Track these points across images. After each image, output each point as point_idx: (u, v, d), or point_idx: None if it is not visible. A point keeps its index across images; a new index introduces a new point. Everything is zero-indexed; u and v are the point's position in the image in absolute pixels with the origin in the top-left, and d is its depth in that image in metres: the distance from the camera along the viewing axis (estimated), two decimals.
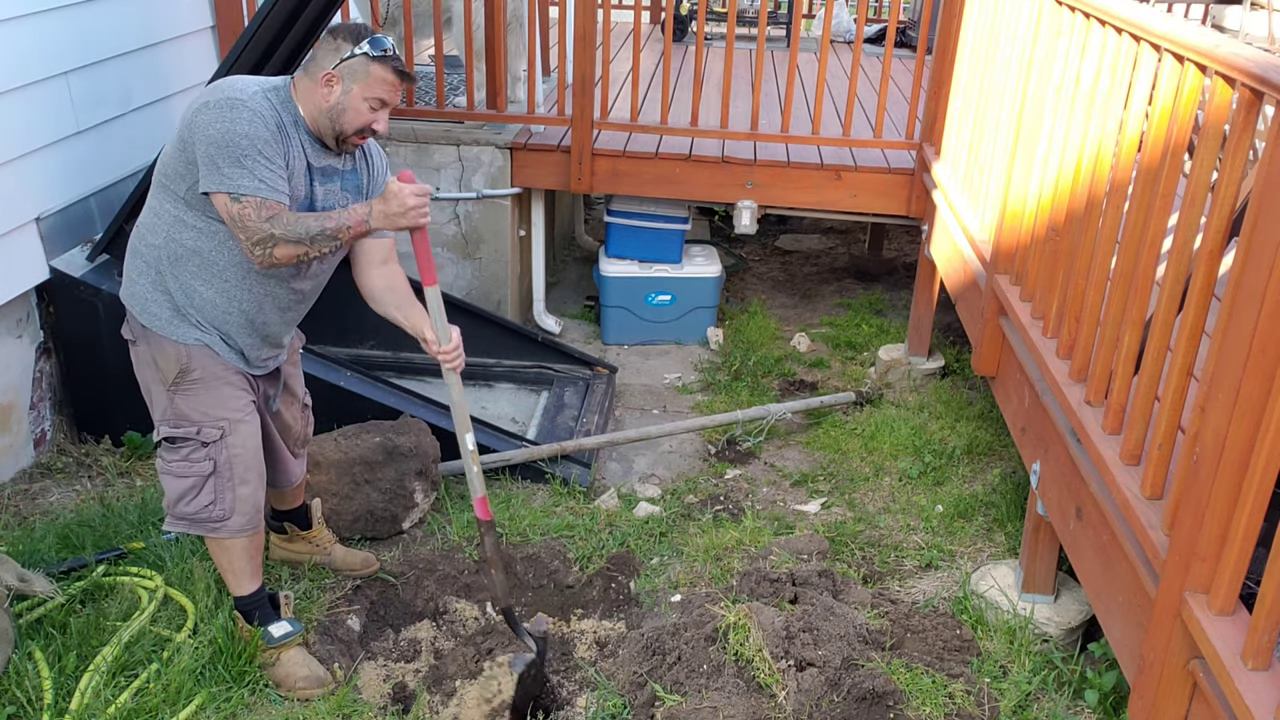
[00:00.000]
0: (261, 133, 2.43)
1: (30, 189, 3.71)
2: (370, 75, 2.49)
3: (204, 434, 2.63)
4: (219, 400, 2.64)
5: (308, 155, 2.56)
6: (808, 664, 2.69)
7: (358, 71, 2.49)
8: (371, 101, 2.51)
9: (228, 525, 2.69)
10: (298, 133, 2.54)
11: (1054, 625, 3.01)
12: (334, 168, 2.63)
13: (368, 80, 2.49)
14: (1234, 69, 1.88)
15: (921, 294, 4.73)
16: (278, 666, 2.78)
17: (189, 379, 2.61)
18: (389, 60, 2.50)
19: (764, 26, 4.97)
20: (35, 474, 3.80)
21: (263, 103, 2.49)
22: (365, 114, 2.52)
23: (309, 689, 2.74)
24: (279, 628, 2.79)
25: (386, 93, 2.52)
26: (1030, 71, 3.15)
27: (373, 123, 2.54)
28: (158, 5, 4.40)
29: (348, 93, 2.50)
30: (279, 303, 2.68)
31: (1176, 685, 1.96)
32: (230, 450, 2.65)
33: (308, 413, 3.08)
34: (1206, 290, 1.99)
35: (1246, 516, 1.78)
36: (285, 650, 2.79)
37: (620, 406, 4.67)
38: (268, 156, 2.43)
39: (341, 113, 2.52)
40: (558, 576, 3.37)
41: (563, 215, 6.61)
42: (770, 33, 8.32)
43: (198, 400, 2.62)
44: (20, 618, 2.82)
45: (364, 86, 2.50)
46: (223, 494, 2.67)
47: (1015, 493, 3.75)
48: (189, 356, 2.60)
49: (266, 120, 2.46)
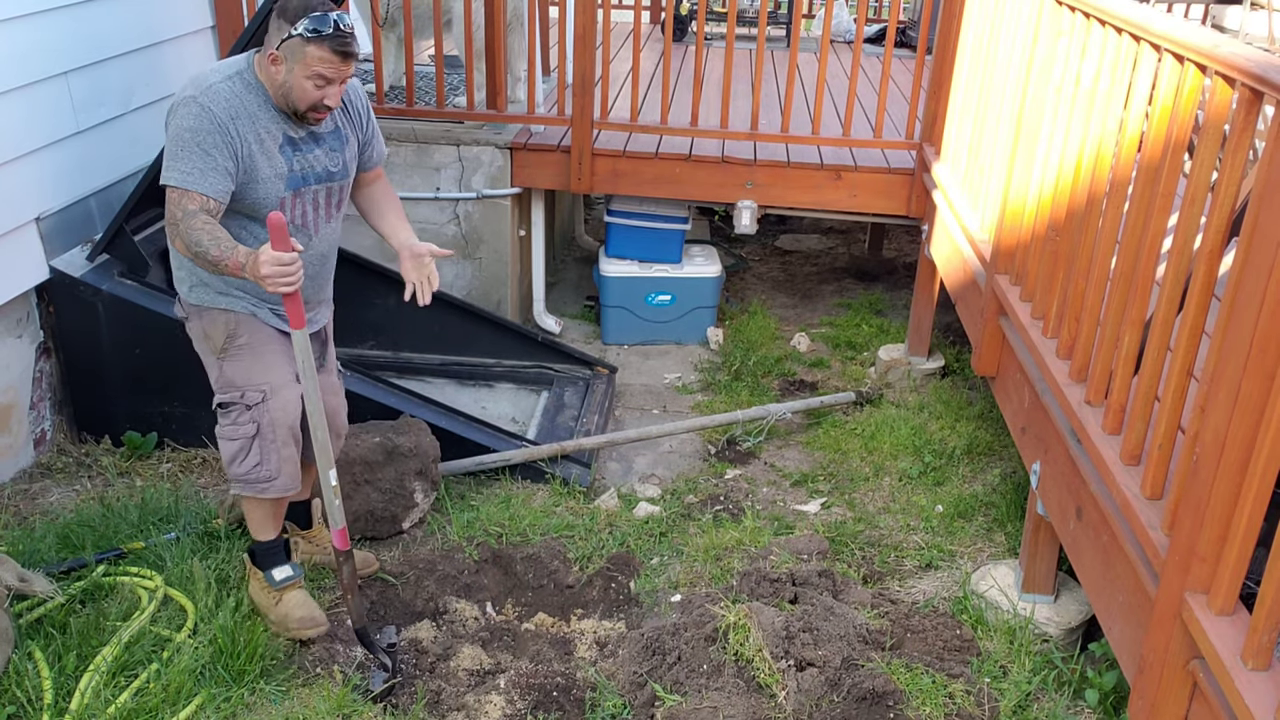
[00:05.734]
0: (203, 125, 2.50)
1: (30, 189, 3.71)
2: (307, 55, 2.51)
3: (248, 397, 2.77)
4: (264, 366, 2.78)
5: (285, 129, 2.64)
6: (808, 664, 2.69)
7: (296, 52, 2.52)
8: (314, 80, 2.54)
9: (275, 485, 2.83)
10: (267, 110, 2.61)
11: (1054, 625, 3.01)
12: (317, 133, 2.71)
13: (305, 60, 2.52)
14: (1234, 69, 1.88)
15: (921, 294, 4.73)
16: (278, 607, 2.91)
17: (236, 344, 2.77)
18: (326, 40, 2.50)
19: (764, 26, 4.97)
20: (35, 474, 3.80)
21: (222, 91, 2.55)
22: (311, 92, 2.56)
23: (303, 629, 2.89)
24: (281, 571, 2.94)
25: (327, 70, 2.53)
26: (1030, 71, 3.15)
27: (322, 99, 2.57)
28: (158, 5, 4.40)
29: (291, 72, 2.54)
30: (309, 270, 2.75)
31: (1176, 685, 1.96)
32: (272, 413, 2.78)
33: (341, 380, 3.16)
34: (1206, 290, 1.99)
35: (1246, 516, 1.78)
36: (287, 592, 2.93)
37: (620, 406, 4.67)
38: (205, 149, 2.50)
39: (289, 91, 2.58)
40: (558, 576, 3.37)
41: (563, 215, 6.61)
42: (770, 33, 8.32)
43: (243, 365, 2.77)
44: (20, 618, 2.82)
45: (303, 66, 2.52)
46: (268, 455, 2.80)
47: (1015, 493, 3.75)
48: (236, 323, 2.76)
49: (213, 113, 2.51)
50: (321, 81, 2.55)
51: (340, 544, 2.79)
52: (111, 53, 4.10)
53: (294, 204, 2.72)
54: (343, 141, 2.78)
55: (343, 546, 2.80)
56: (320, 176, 2.75)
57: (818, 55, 5.70)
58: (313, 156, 2.71)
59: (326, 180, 2.77)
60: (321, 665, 2.88)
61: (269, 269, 2.40)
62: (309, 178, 2.72)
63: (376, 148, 2.94)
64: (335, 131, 2.76)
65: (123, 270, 3.83)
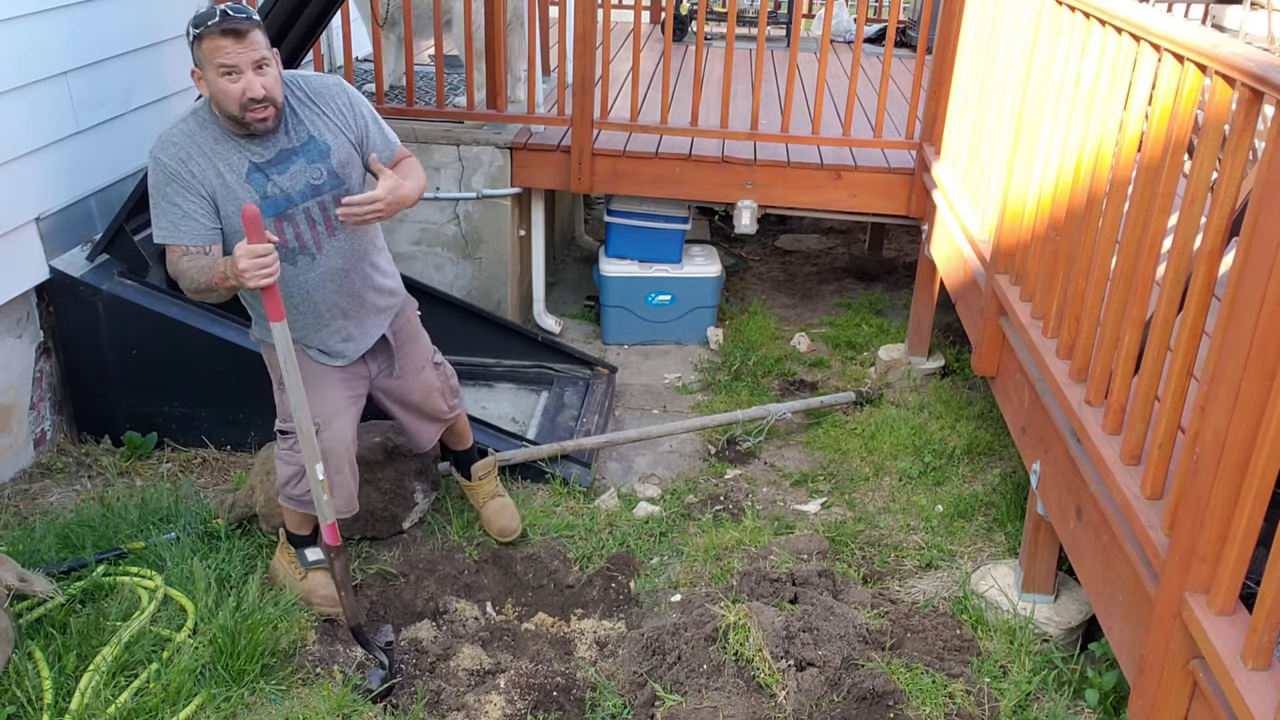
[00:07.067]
0: (159, 179, 2.57)
1: (30, 189, 3.71)
2: (205, 52, 2.47)
3: None
4: (319, 398, 2.86)
5: (249, 156, 2.61)
6: (808, 664, 2.69)
7: (198, 57, 2.50)
8: (223, 74, 2.47)
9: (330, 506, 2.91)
10: (225, 142, 2.59)
11: (1054, 625, 3.01)
12: (287, 150, 2.64)
13: (207, 59, 2.47)
14: (1234, 69, 1.88)
15: (921, 294, 4.73)
16: (304, 581, 3.09)
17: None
18: (211, 29, 2.44)
19: (764, 26, 4.97)
20: (35, 474, 3.80)
21: (173, 136, 2.58)
22: (229, 87, 2.48)
23: (325, 605, 3.05)
24: (313, 553, 3.09)
25: (226, 57, 2.45)
26: (1030, 71, 3.15)
27: (243, 92, 2.48)
28: (158, 5, 4.40)
29: (206, 79, 2.51)
30: (326, 290, 2.81)
31: (1176, 685, 1.96)
32: (325, 443, 2.85)
33: (442, 369, 3.26)
34: (1206, 290, 1.99)
35: (1246, 516, 1.78)
36: (313, 571, 3.10)
37: (620, 406, 4.67)
38: (170, 200, 2.57)
39: (217, 100, 2.52)
40: (558, 576, 3.37)
41: (563, 215, 6.61)
42: (770, 32, 8.32)
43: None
44: (20, 618, 2.82)
45: (210, 66, 2.48)
46: None
47: (1015, 493, 3.75)
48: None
49: (164, 164, 2.56)
50: (229, 71, 2.46)
51: (331, 539, 2.80)
52: (111, 53, 4.10)
53: (280, 228, 2.68)
54: (322, 150, 2.69)
55: (333, 542, 2.80)
56: (305, 194, 2.68)
57: (818, 55, 5.70)
58: (288, 176, 2.64)
59: (314, 195, 2.70)
60: (321, 665, 2.88)
61: (245, 262, 2.40)
62: (292, 198, 2.66)
63: (379, 140, 2.81)
64: (310, 142, 2.67)
65: (123, 270, 3.83)
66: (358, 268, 2.85)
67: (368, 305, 2.92)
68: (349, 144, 2.74)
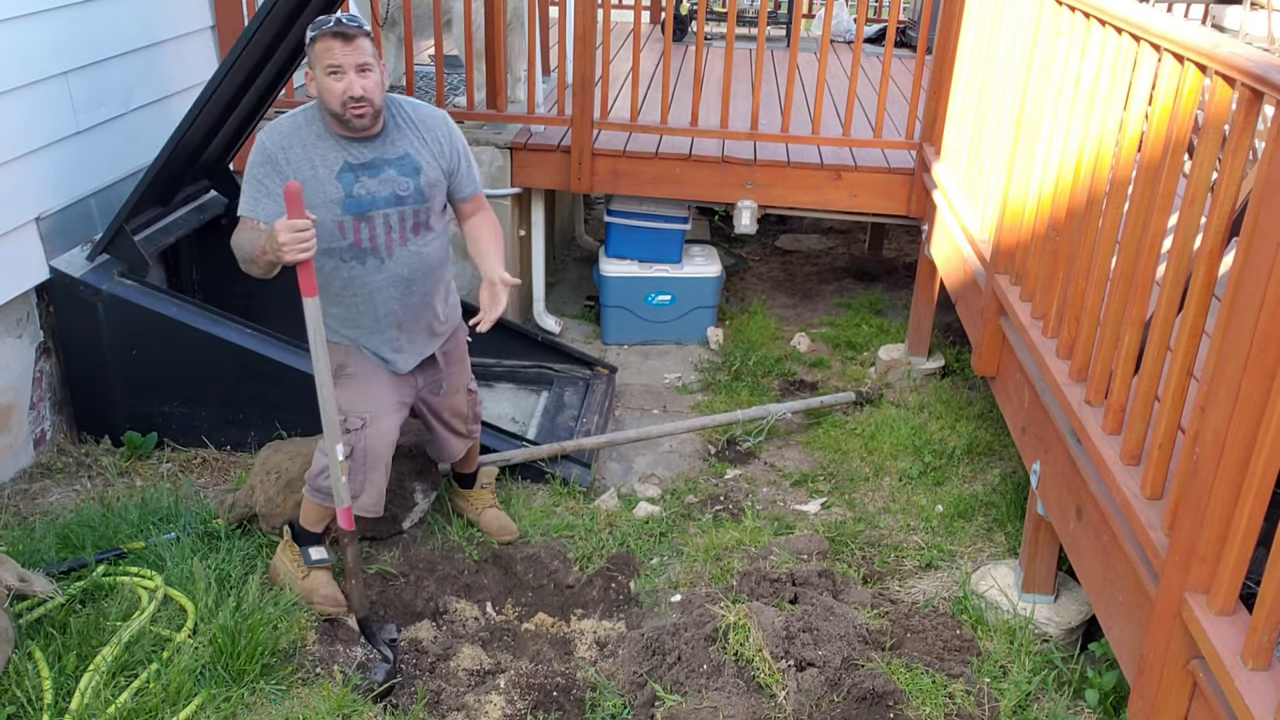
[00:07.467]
0: (257, 159, 2.79)
1: (30, 189, 3.71)
2: (318, 53, 2.71)
3: (349, 422, 2.96)
4: (369, 395, 3.00)
5: (345, 156, 2.80)
6: (808, 664, 2.69)
7: (311, 58, 2.74)
8: (330, 73, 2.70)
9: (359, 502, 3.00)
10: (326, 140, 2.81)
11: (1054, 625, 3.01)
12: (381, 159, 2.84)
13: (318, 59, 2.71)
14: (1234, 69, 1.88)
15: (921, 294, 4.73)
16: (305, 580, 3.09)
17: (345, 373, 2.99)
18: (324, 31, 2.69)
19: (764, 26, 4.97)
20: (35, 474, 3.80)
21: (282, 125, 2.81)
22: (334, 85, 2.70)
23: (326, 605, 3.05)
24: (317, 552, 3.11)
25: (333, 58, 2.69)
26: (1030, 71, 3.15)
27: (345, 91, 2.70)
28: (158, 5, 4.41)
29: (315, 77, 2.74)
30: (387, 295, 2.93)
31: (1176, 685, 1.96)
32: (368, 440, 2.98)
33: (474, 396, 3.40)
34: (1206, 290, 1.99)
35: (1246, 516, 1.78)
36: (315, 570, 3.11)
37: (620, 406, 4.67)
38: (259, 179, 2.79)
39: (323, 96, 2.75)
40: (558, 576, 3.37)
41: (563, 215, 6.61)
42: (770, 32, 8.32)
43: (348, 392, 2.97)
44: (20, 618, 2.82)
45: (320, 66, 2.71)
46: (355, 476, 2.98)
47: (1015, 493, 3.75)
48: (345, 354, 3.00)
49: (266, 146, 2.78)
50: (335, 70, 2.69)
51: (345, 524, 2.85)
52: (111, 53, 4.11)
53: (357, 226, 2.84)
54: (416, 168, 2.88)
55: (348, 527, 2.86)
56: (389, 200, 2.85)
57: (818, 55, 5.70)
58: (377, 181, 2.83)
59: (397, 204, 2.86)
60: (321, 665, 2.88)
61: (284, 235, 2.54)
62: (377, 201, 2.83)
63: (467, 179, 3.03)
64: (405, 158, 2.87)
65: (123, 270, 3.83)
66: (421, 283, 2.99)
67: (421, 324, 3.05)
68: (440, 170, 2.94)
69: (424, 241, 2.95)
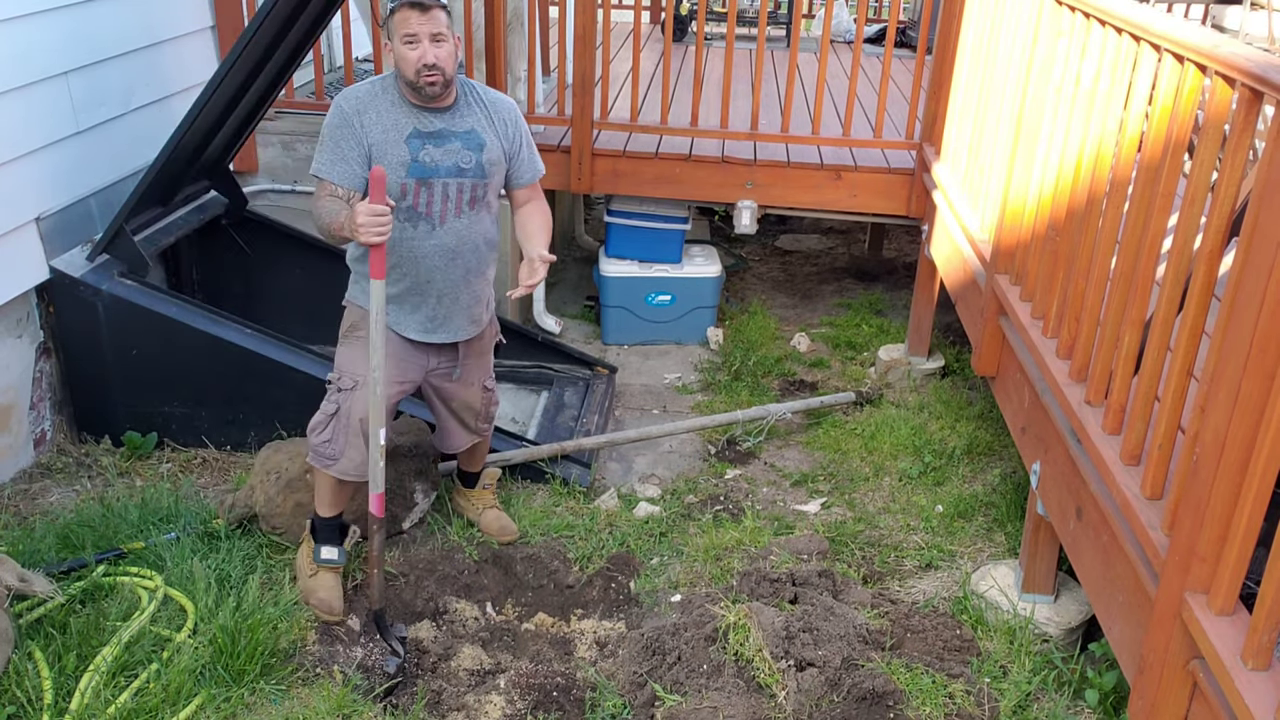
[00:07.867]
0: (334, 121, 2.89)
1: (30, 189, 3.71)
2: (395, 23, 2.81)
3: (342, 381, 3.04)
4: (366, 358, 2.92)
5: (415, 123, 2.90)
6: (808, 664, 2.69)
7: (389, 27, 2.85)
8: (406, 41, 2.80)
9: (338, 465, 3.04)
10: (399, 107, 2.91)
11: (1054, 625, 3.01)
12: (449, 130, 2.94)
13: (395, 29, 2.82)
14: (1234, 69, 1.88)
15: (921, 294, 4.73)
16: (310, 579, 3.10)
17: (355, 334, 3.04)
18: (402, 3, 2.79)
19: (764, 26, 4.97)
20: (35, 474, 3.80)
21: (359, 90, 2.92)
22: (409, 54, 2.81)
23: (319, 608, 3.05)
24: (329, 551, 3.12)
25: (409, 27, 2.79)
26: (1030, 71, 3.15)
27: (420, 59, 2.80)
28: (158, 5, 4.40)
29: (392, 46, 2.84)
30: (433, 263, 2.99)
31: (1176, 685, 1.96)
32: (353, 402, 2.99)
33: (490, 395, 3.40)
34: (1206, 290, 1.99)
35: (1246, 516, 1.78)
36: (323, 570, 3.11)
37: (620, 406, 4.67)
38: (335, 141, 2.88)
39: (399, 65, 2.85)
40: (558, 576, 3.37)
41: (563, 215, 6.60)
42: (770, 33, 8.33)
43: (350, 353, 3.04)
44: (20, 618, 2.82)
45: (397, 36, 2.82)
46: (338, 436, 3.02)
47: (1015, 493, 3.75)
48: (361, 317, 3.01)
49: (343, 109, 2.88)
50: (411, 39, 2.79)
51: (376, 510, 2.87)
52: (111, 53, 4.10)
53: (418, 191, 2.93)
54: (480, 143, 2.98)
55: (379, 513, 2.87)
56: (451, 170, 2.95)
57: (818, 55, 5.70)
58: (442, 151, 2.93)
59: (457, 175, 2.96)
60: (321, 665, 2.88)
61: (363, 218, 2.63)
62: (439, 170, 2.93)
63: (527, 165, 3.14)
64: (471, 133, 2.97)
65: (123, 270, 3.83)
66: (465, 258, 3.06)
67: (461, 301, 3.11)
68: (502, 151, 3.04)
69: (476, 217, 3.04)
